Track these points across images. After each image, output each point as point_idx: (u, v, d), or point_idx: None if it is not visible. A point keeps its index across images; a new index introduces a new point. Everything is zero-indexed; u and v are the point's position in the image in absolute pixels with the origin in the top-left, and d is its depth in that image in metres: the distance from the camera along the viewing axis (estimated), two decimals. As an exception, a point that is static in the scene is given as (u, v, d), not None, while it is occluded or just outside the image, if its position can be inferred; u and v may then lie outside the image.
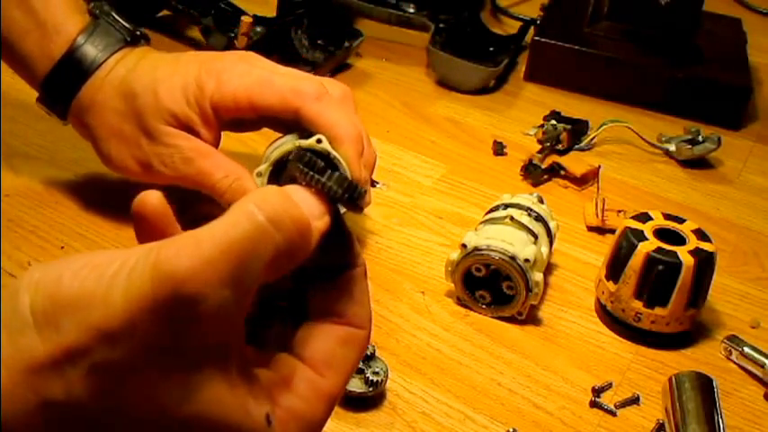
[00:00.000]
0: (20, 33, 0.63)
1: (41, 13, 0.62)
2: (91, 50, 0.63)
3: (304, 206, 0.33)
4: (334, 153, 0.54)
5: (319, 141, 0.40)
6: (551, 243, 0.67)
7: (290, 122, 0.58)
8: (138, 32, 0.66)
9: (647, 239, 0.62)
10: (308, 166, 0.35)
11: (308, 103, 0.58)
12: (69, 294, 0.29)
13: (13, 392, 0.29)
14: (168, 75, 0.61)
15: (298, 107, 0.58)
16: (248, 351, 0.35)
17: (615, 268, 0.63)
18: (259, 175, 0.40)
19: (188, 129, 0.61)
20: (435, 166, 0.83)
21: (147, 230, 0.34)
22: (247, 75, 0.60)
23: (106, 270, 0.29)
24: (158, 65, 0.62)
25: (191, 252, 0.28)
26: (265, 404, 0.32)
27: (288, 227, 0.31)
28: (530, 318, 0.64)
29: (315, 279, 0.36)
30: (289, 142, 0.48)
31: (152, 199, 0.34)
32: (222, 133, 0.63)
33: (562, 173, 0.83)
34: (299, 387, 0.34)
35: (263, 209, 0.30)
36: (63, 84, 0.63)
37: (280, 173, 0.40)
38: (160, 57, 0.64)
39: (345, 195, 0.34)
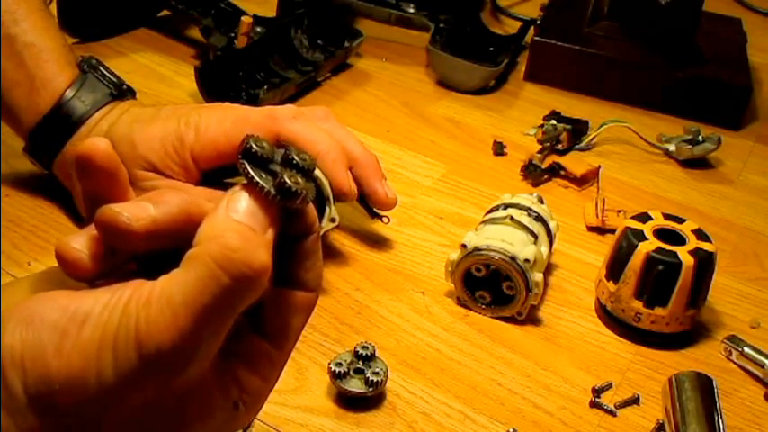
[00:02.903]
0: (8, 85, 0.63)
1: (32, 67, 0.63)
2: (78, 105, 0.63)
3: (252, 222, 0.32)
4: (316, 173, 0.55)
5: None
6: (551, 243, 0.67)
7: None
8: (124, 86, 0.66)
9: (647, 239, 0.62)
10: (252, 160, 0.33)
11: (286, 125, 0.60)
12: (59, 376, 0.30)
13: None
14: (146, 125, 0.61)
15: (276, 131, 0.59)
16: None
17: (615, 268, 0.63)
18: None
19: (166, 177, 0.61)
20: (435, 166, 0.83)
21: (94, 183, 0.35)
22: (224, 120, 0.61)
23: (88, 344, 0.30)
24: (138, 117, 0.63)
25: (170, 324, 0.30)
26: (234, 392, 0.35)
27: (251, 279, 0.31)
28: (530, 318, 0.64)
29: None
30: None
31: (102, 143, 0.34)
32: None
33: (562, 173, 0.83)
34: (260, 367, 0.36)
35: (226, 269, 0.30)
36: (49, 137, 0.64)
37: None
38: (141, 110, 0.64)
39: (278, 198, 0.33)
